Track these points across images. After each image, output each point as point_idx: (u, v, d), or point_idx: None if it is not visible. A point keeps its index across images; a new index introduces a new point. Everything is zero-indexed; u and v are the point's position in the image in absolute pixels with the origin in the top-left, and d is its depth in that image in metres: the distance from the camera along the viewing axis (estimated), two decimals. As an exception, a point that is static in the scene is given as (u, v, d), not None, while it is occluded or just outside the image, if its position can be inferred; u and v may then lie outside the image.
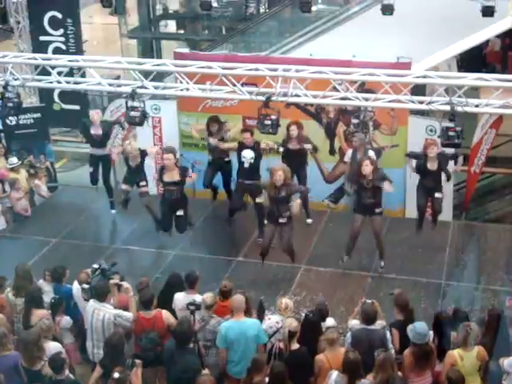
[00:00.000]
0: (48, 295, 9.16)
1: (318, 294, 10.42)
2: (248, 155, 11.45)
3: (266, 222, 10.85)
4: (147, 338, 8.04)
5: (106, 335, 8.16)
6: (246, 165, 11.50)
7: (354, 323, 8.34)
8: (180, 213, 11.08)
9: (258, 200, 11.42)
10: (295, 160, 11.81)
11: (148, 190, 11.97)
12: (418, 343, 7.67)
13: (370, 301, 8.66)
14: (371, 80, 9.76)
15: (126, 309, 8.53)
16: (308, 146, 12.04)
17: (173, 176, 11.03)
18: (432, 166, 11.28)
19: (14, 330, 8.74)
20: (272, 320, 8.46)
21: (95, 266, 9.00)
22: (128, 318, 8.32)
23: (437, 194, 11.43)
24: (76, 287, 9.11)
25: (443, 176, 11.44)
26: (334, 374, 7.43)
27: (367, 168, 10.47)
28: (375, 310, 8.14)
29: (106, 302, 8.42)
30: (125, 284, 8.78)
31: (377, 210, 10.72)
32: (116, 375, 7.26)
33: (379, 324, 8.14)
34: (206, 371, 7.68)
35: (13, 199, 12.76)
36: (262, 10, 18.33)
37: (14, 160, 13.07)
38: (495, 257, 11.50)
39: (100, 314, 8.31)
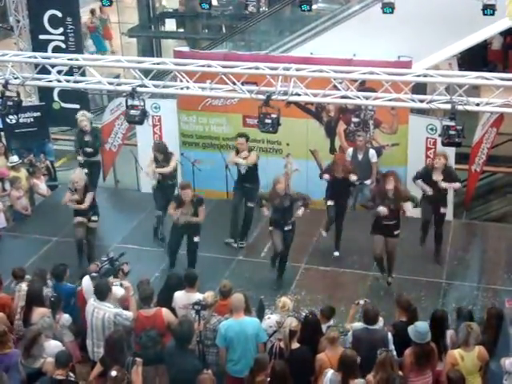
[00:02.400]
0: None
1: (318, 293, 10.41)
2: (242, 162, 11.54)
3: (270, 228, 10.74)
4: (147, 336, 8.03)
5: (106, 334, 8.15)
6: (243, 171, 11.60)
7: (357, 326, 8.33)
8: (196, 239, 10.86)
9: (249, 204, 11.61)
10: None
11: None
12: (419, 343, 7.66)
13: (362, 301, 8.68)
14: (372, 79, 9.73)
15: (127, 308, 8.53)
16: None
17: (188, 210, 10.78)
18: (437, 177, 11.03)
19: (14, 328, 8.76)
20: (271, 319, 8.46)
21: (104, 257, 9.17)
22: (128, 317, 8.31)
23: (442, 209, 11.22)
24: (87, 283, 9.07)
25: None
26: (330, 372, 7.45)
27: (390, 184, 10.22)
28: (376, 310, 8.13)
29: (107, 301, 8.41)
30: (125, 283, 8.79)
31: (395, 233, 10.46)
32: (113, 373, 7.26)
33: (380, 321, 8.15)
34: (208, 371, 7.67)
35: (13, 198, 12.76)
36: (262, 9, 18.30)
37: (14, 158, 13.09)
38: (496, 256, 11.49)
39: (100, 312, 8.31)
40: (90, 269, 9.21)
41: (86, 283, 9.09)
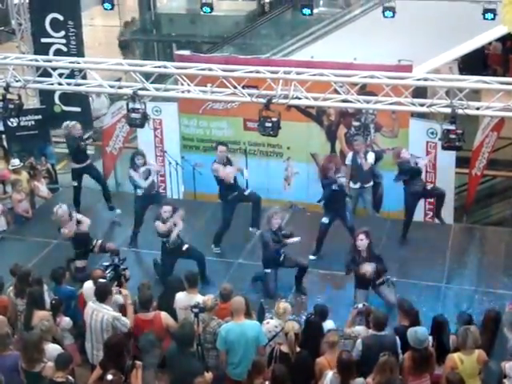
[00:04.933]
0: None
1: (318, 297, 10.41)
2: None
3: (267, 271, 10.53)
4: (145, 340, 8.04)
5: (105, 337, 8.16)
6: (231, 180, 11.57)
7: (359, 330, 8.33)
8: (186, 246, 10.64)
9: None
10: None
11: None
12: (417, 348, 7.67)
13: (362, 305, 8.68)
14: (372, 82, 9.75)
15: (125, 315, 8.55)
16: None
17: None
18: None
19: (15, 331, 8.75)
20: (271, 324, 8.45)
21: (106, 263, 9.18)
22: (125, 324, 8.31)
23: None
24: (89, 286, 9.05)
25: None
26: (330, 373, 7.45)
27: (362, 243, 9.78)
28: (386, 316, 8.14)
29: (106, 304, 8.42)
30: (124, 291, 8.81)
31: (377, 282, 9.92)
32: (109, 377, 7.26)
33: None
34: (208, 374, 7.66)
35: (14, 200, 12.77)
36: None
37: (16, 162, 13.10)
38: (496, 260, 11.47)
39: (99, 315, 8.30)
40: (96, 274, 9.09)
41: (88, 287, 9.07)
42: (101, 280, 8.77)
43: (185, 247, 10.55)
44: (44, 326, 8.14)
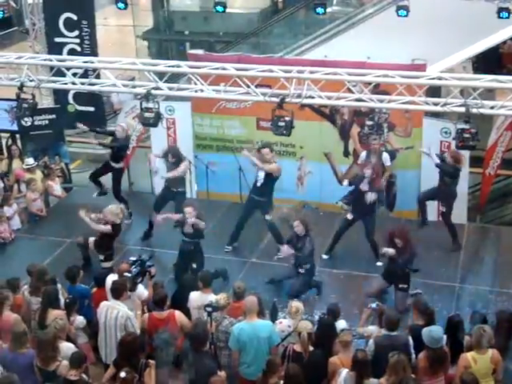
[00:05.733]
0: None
1: (331, 296, 10.40)
2: (261, 176, 11.41)
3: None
4: (160, 339, 8.06)
5: (118, 335, 8.18)
6: (258, 184, 11.48)
7: (372, 329, 8.31)
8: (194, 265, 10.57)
9: (266, 217, 11.42)
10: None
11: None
12: (433, 347, 7.64)
13: (375, 304, 8.66)
14: (386, 81, 9.72)
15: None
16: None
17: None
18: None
19: (31, 329, 8.79)
20: (284, 324, 8.46)
21: (132, 258, 9.23)
22: (135, 326, 8.32)
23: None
24: (113, 279, 9.02)
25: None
26: (344, 371, 7.45)
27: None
28: (398, 316, 8.12)
29: (121, 301, 8.43)
30: (137, 300, 8.86)
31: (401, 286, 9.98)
32: (122, 374, 7.29)
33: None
34: (222, 373, 7.67)
35: (28, 200, 12.83)
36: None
37: (30, 161, 13.17)
38: (510, 260, 11.42)
39: (114, 312, 8.32)
40: (122, 268, 9.16)
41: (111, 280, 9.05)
42: (126, 274, 8.83)
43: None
44: (58, 324, 8.17)
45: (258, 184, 11.46)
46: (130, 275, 8.87)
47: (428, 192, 11.93)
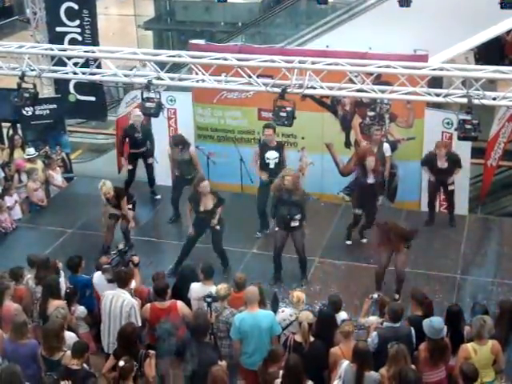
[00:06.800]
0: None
1: (332, 287, 10.41)
2: (272, 156, 11.48)
3: (276, 229, 10.65)
4: (162, 329, 8.07)
5: (123, 322, 8.16)
6: (272, 165, 11.51)
7: (373, 320, 8.31)
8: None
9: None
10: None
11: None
12: (434, 338, 7.65)
13: (376, 295, 8.66)
14: (387, 72, 9.71)
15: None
16: None
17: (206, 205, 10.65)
18: (442, 164, 11.61)
19: (32, 319, 8.81)
20: (285, 313, 8.47)
21: (113, 250, 9.33)
22: (137, 317, 8.30)
23: (450, 187, 11.76)
24: (97, 275, 9.15)
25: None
26: (345, 363, 7.45)
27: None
28: (402, 307, 8.12)
29: (127, 290, 8.44)
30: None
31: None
32: (121, 363, 7.32)
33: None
34: (223, 363, 7.69)
35: (30, 189, 12.83)
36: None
37: (31, 151, 13.16)
38: (511, 251, 11.42)
39: (119, 300, 8.29)
40: (101, 261, 9.29)
41: (97, 277, 9.16)
42: (105, 266, 8.89)
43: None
44: (60, 313, 8.17)
45: (272, 165, 11.52)
46: (108, 266, 8.91)
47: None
